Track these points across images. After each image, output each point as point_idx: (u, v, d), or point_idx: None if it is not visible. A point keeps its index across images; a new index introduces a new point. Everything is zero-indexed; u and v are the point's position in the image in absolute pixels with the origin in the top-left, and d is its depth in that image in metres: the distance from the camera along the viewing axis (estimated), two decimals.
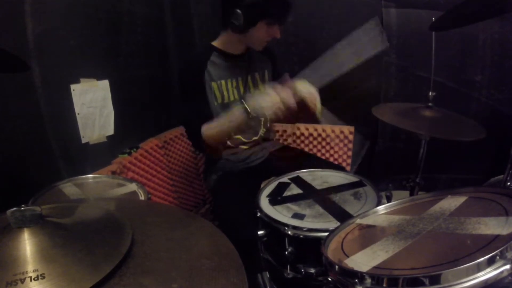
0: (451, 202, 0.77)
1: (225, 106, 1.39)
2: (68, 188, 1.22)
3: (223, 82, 1.38)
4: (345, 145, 2.06)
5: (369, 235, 0.79)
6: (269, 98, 1.11)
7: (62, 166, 1.37)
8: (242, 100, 1.17)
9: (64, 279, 0.47)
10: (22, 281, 0.46)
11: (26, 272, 0.47)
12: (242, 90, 1.45)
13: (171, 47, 2.05)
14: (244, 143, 1.50)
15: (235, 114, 1.20)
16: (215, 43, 1.40)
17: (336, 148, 2.03)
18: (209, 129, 1.27)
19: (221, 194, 1.42)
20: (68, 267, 0.49)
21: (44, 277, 0.46)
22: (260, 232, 1.05)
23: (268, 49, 1.50)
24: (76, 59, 1.41)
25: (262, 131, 1.54)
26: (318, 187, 1.18)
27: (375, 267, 0.62)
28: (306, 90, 1.17)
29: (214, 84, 1.37)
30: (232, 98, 1.42)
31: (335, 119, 1.12)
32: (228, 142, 1.46)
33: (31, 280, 0.46)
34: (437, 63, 1.53)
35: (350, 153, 2.06)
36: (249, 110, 1.14)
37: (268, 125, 1.58)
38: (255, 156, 1.53)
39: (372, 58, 1.98)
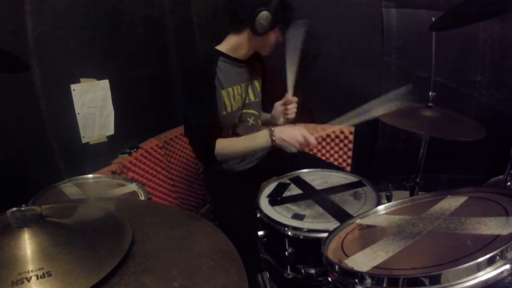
0: (451, 202, 0.77)
1: (232, 116, 1.37)
2: (68, 188, 1.22)
3: (230, 89, 1.34)
4: (345, 145, 2.06)
5: (369, 235, 0.79)
6: (295, 136, 1.17)
7: (62, 166, 1.37)
8: (272, 129, 1.22)
9: (70, 276, 0.47)
10: (28, 279, 0.46)
11: (31, 271, 0.47)
12: (244, 97, 1.42)
13: (171, 47, 2.05)
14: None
15: (259, 140, 1.25)
16: (220, 48, 1.35)
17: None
18: (224, 148, 1.29)
19: (221, 194, 1.42)
20: (73, 264, 0.49)
21: (50, 275, 0.47)
22: (260, 233, 1.05)
23: (258, 54, 1.47)
24: (76, 59, 1.41)
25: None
26: (318, 187, 1.18)
27: (375, 267, 0.62)
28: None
29: (224, 93, 1.32)
30: (236, 107, 1.38)
31: None
32: None
33: (37, 278, 0.46)
34: (437, 63, 1.52)
35: (350, 153, 2.06)
36: (275, 139, 1.20)
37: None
38: (252, 157, 1.53)
39: (372, 58, 1.98)
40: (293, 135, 1.17)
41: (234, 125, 1.42)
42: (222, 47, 1.36)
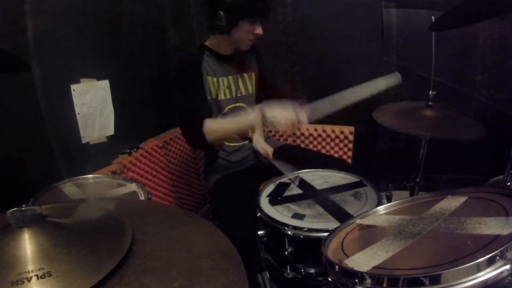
0: (451, 202, 0.77)
1: (217, 103, 1.42)
2: (68, 188, 1.22)
3: (215, 79, 1.41)
4: (345, 145, 2.06)
5: (369, 235, 0.79)
6: (287, 113, 1.16)
7: (62, 166, 1.37)
8: (261, 107, 1.22)
9: (70, 276, 0.47)
10: (29, 279, 0.46)
11: (31, 271, 0.47)
12: (234, 90, 1.45)
13: (171, 47, 2.05)
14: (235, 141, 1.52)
15: (249, 118, 1.28)
16: (207, 43, 1.43)
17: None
18: (214, 125, 1.30)
19: (221, 194, 1.42)
20: (73, 264, 0.49)
21: (50, 275, 0.47)
22: (260, 232, 1.05)
23: (254, 47, 1.50)
24: (76, 59, 1.41)
25: (250, 133, 1.54)
26: (318, 187, 1.18)
27: (375, 267, 0.62)
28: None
29: (209, 78, 1.39)
30: (223, 97, 1.43)
31: None
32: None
33: (37, 278, 0.46)
34: (437, 63, 1.52)
35: (350, 153, 2.06)
36: (266, 118, 1.20)
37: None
38: (252, 156, 1.53)
39: (372, 58, 1.98)
40: (287, 115, 1.16)
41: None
42: (208, 42, 1.43)
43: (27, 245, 0.50)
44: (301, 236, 0.95)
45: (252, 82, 1.53)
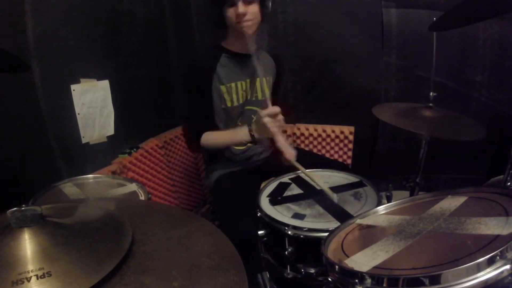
0: (451, 202, 0.77)
1: (234, 109, 1.41)
2: (68, 188, 1.22)
3: (232, 84, 1.38)
4: (345, 145, 2.06)
5: (369, 235, 0.79)
6: (266, 121, 1.19)
7: (62, 166, 1.37)
8: (250, 128, 1.26)
9: (70, 276, 0.47)
10: (28, 279, 0.46)
11: (31, 271, 0.47)
12: (249, 93, 1.44)
13: (171, 47, 2.05)
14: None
15: (239, 135, 1.30)
16: (224, 44, 1.39)
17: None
18: (208, 140, 1.37)
19: (221, 194, 1.42)
20: (73, 264, 0.49)
21: (50, 275, 0.47)
22: (260, 232, 1.05)
23: (276, 55, 1.52)
24: (76, 59, 1.41)
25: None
26: (318, 187, 1.18)
27: (375, 267, 0.62)
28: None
29: (223, 88, 1.36)
30: (241, 101, 1.42)
31: None
32: None
33: (37, 278, 0.46)
34: (437, 63, 1.52)
35: (350, 153, 2.06)
36: (255, 136, 1.26)
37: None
38: (257, 157, 1.53)
39: (372, 58, 1.98)
40: (267, 122, 1.20)
41: (235, 120, 1.44)
42: (225, 43, 1.39)
43: (27, 245, 0.50)
44: (301, 236, 0.95)
45: (269, 87, 1.51)
